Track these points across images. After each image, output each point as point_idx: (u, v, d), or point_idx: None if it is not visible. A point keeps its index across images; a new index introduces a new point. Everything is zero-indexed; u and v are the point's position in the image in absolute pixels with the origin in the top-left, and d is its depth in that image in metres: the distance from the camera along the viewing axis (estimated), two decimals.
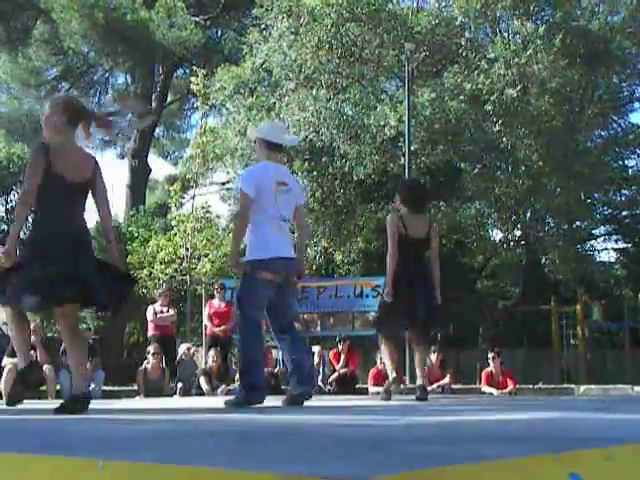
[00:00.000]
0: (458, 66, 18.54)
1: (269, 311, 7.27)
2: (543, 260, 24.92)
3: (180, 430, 4.29)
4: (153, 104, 32.76)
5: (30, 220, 6.27)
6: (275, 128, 7.65)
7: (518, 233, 23.02)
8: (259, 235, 7.00)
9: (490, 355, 14.82)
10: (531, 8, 20.61)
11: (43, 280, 5.67)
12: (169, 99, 34.77)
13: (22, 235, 6.26)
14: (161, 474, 2.21)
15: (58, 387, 13.03)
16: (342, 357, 15.43)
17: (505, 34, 20.35)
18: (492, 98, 17.78)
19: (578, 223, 22.87)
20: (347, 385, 14.73)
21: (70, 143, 6.14)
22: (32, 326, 13.45)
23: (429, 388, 10.34)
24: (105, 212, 6.29)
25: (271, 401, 7.39)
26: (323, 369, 15.89)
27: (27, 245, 6.05)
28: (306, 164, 19.97)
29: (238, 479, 2.06)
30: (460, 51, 19.08)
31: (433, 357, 14.44)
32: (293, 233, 7.92)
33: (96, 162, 6.22)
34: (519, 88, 17.89)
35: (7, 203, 23.75)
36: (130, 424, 4.94)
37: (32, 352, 12.47)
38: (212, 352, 14.48)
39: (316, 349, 15.35)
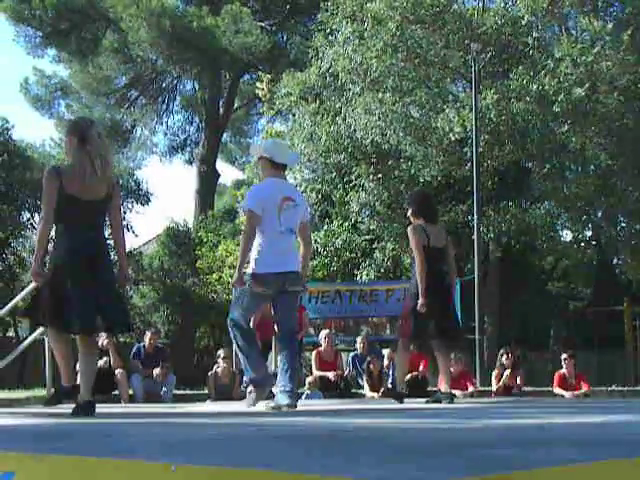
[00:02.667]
0: (524, 67, 18.34)
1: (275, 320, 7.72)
2: (615, 260, 24.58)
3: (251, 434, 4.32)
4: (220, 110, 33.07)
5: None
6: (280, 147, 7.91)
7: (589, 233, 22.73)
8: (258, 249, 7.27)
9: (563, 356, 14.59)
10: (599, 4, 20.34)
11: (75, 309, 6.05)
12: (236, 105, 35.03)
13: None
14: (234, 478, 2.22)
15: (131, 392, 13.18)
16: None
17: (572, 32, 20.10)
18: (559, 98, 17.57)
19: None
20: (417, 388, 14.60)
21: (82, 163, 6.25)
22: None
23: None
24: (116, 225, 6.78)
25: (340, 405, 7.39)
26: (393, 372, 15.80)
27: (51, 263, 6.43)
28: (372, 167, 19.94)
29: None
30: (527, 50, 18.90)
31: (504, 360, 14.29)
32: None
33: (114, 183, 6.58)
34: (587, 87, 17.63)
35: None
36: (202, 428, 4.98)
37: (105, 357, 12.76)
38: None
39: (386, 352, 15.24)
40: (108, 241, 7.38)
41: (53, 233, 6.52)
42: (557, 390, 14.37)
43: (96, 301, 6.20)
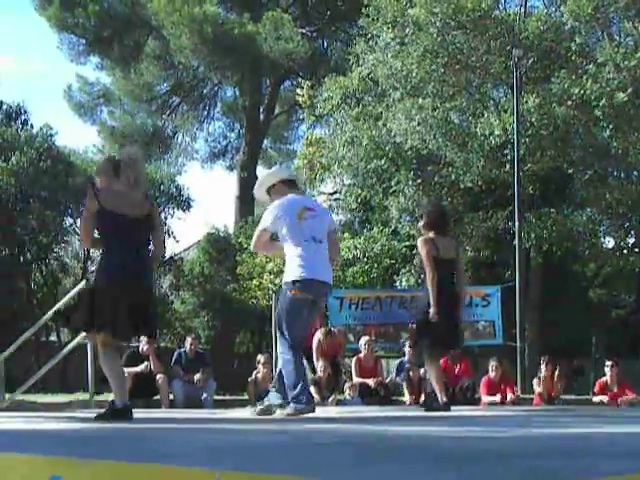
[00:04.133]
0: (565, 71, 18.22)
1: None
2: None
3: (295, 441, 4.32)
4: (261, 116, 33.17)
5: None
6: (285, 169, 8.83)
7: (631, 240, 22.49)
8: (290, 259, 7.49)
9: (608, 364, 14.45)
10: None
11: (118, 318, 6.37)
12: (276, 111, 35.12)
13: None
14: None
15: (171, 397, 13.25)
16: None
17: (616, 37, 19.94)
18: (601, 103, 17.43)
19: None
20: (463, 395, 14.48)
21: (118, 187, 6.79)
22: (146, 337, 13.77)
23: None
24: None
25: (386, 412, 7.37)
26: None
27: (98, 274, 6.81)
28: (412, 173, 19.89)
29: None
30: (569, 55, 18.77)
31: (544, 369, 14.19)
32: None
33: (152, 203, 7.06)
34: (630, 91, 17.48)
35: None
36: (243, 434, 4.99)
37: (145, 362, 12.84)
38: (321, 362, 14.51)
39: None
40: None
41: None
42: (596, 398, 14.23)
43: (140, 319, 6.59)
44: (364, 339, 14.63)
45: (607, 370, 14.29)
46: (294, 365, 7.34)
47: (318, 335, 14.85)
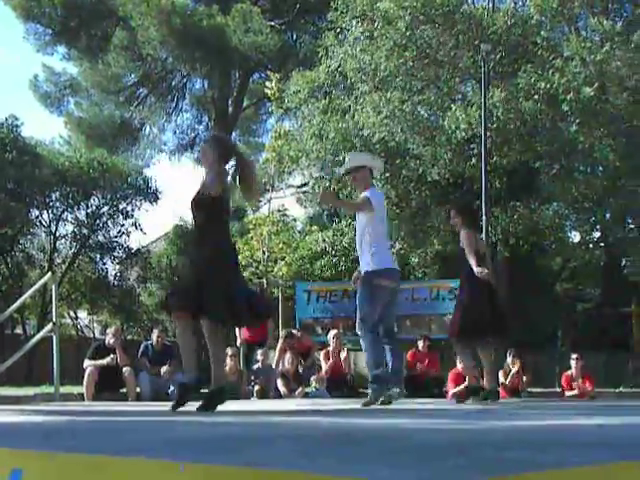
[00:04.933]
0: (532, 65, 18.31)
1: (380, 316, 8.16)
2: (623, 261, 24.51)
3: (259, 433, 4.32)
4: (230, 109, 33.06)
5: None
6: (359, 154, 9.37)
7: (597, 234, 22.66)
8: (375, 248, 8.02)
9: (573, 356, 14.61)
10: (609, 5, 20.30)
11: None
12: (245, 103, 35.02)
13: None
14: (241, 477, 2.22)
15: (138, 390, 13.19)
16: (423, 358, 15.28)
17: (582, 32, 20.07)
18: (568, 97, 17.53)
19: None
20: (431, 388, 14.53)
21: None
22: (112, 329, 13.72)
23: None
24: None
25: (352, 404, 7.39)
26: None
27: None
28: None
29: None
30: (536, 50, 18.87)
31: (510, 362, 14.29)
32: None
33: None
34: (596, 86, 17.60)
35: (88, 207, 24.15)
36: (209, 426, 4.98)
37: (112, 355, 12.77)
38: (288, 355, 14.52)
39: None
40: None
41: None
42: (563, 390, 14.38)
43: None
44: (332, 332, 14.66)
45: (572, 363, 14.44)
46: (375, 344, 7.99)
47: (282, 335, 14.93)
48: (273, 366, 14.44)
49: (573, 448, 3.01)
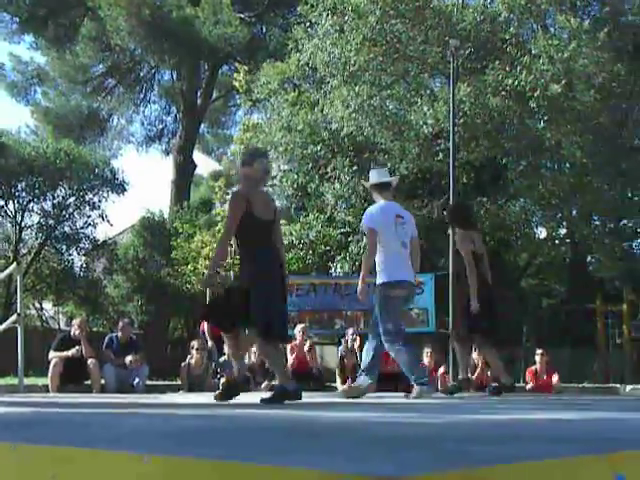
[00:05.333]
0: (500, 62, 18.39)
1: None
2: (589, 258, 24.70)
3: (223, 425, 4.31)
4: (198, 101, 32.92)
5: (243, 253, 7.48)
6: (379, 172, 9.14)
7: (563, 231, 22.82)
8: (385, 261, 8.45)
9: (538, 352, 14.71)
10: (577, 3, 20.42)
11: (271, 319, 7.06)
12: (214, 96, 34.89)
13: None
14: (205, 469, 2.22)
15: (103, 381, 13.13)
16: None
17: (551, 29, 20.18)
18: (536, 94, 17.63)
19: (625, 221, 22.64)
20: (393, 383, 14.55)
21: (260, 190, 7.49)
22: (77, 321, 13.64)
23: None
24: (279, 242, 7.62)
25: (318, 397, 7.40)
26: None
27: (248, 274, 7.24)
28: (348, 160, 19.93)
29: (278, 475, 2.06)
30: (504, 47, 18.95)
31: (476, 357, 14.36)
32: None
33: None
34: (563, 83, 17.69)
35: (54, 198, 24.00)
36: (175, 419, 4.97)
37: (77, 347, 12.70)
38: (254, 348, 14.50)
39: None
40: None
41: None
42: (528, 386, 14.48)
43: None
44: (299, 326, 14.66)
45: (537, 358, 14.54)
46: (406, 351, 8.40)
47: None
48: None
49: (534, 442, 3.03)
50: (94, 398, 9.98)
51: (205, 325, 14.94)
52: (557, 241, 22.69)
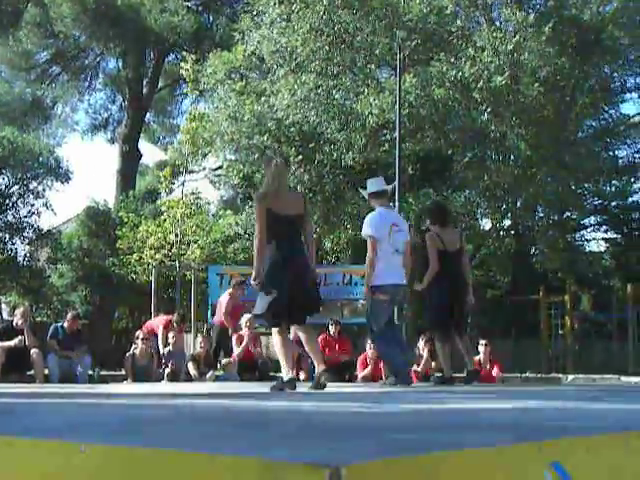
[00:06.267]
0: (445, 54, 18.50)
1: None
2: (532, 250, 24.98)
3: (164, 415, 4.29)
4: (144, 89, 32.65)
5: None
6: (376, 181, 9.69)
7: (508, 222, 23.05)
8: (377, 267, 8.96)
9: (482, 342, 14.85)
10: None
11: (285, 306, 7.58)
12: (160, 84, 34.63)
13: None
14: (141, 457, 2.21)
15: (46, 372, 13.02)
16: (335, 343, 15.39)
17: (497, 23, 20.34)
18: (479, 85, 17.76)
19: (568, 213, 22.94)
20: (341, 372, 14.60)
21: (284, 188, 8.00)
22: (20, 310, 13.49)
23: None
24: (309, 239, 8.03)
25: (262, 387, 7.40)
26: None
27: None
28: (294, 150, 19.90)
29: (219, 463, 2.06)
30: (450, 39, 19.06)
31: (422, 347, 14.47)
32: None
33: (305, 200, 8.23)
34: (506, 75, 17.84)
35: None
36: (116, 408, 4.94)
37: (19, 336, 12.57)
38: (200, 338, 14.47)
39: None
40: None
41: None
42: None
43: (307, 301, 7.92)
44: (245, 316, 14.60)
45: (481, 349, 14.68)
46: (385, 350, 9.36)
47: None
48: (185, 350, 14.40)
49: (472, 430, 3.06)
50: (37, 388, 9.88)
51: (158, 327, 14.90)
52: (502, 232, 22.90)
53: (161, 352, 14.36)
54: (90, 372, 14.01)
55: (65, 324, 13.71)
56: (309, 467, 1.90)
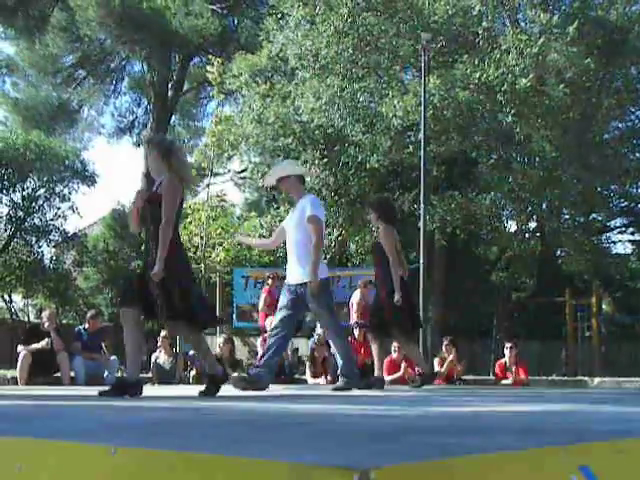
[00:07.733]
0: (469, 56, 18.44)
1: None
2: (558, 252, 24.84)
3: (190, 417, 4.31)
4: (169, 92, 32.78)
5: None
6: (296, 164, 9.46)
7: (533, 225, 22.94)
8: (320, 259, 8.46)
9: (507, 345, 14.79)
10: None
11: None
12: (185, 87, 34.76)
13: None
14: (172, 461, 2.22)
15: (72, 374, 13.09)
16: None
17: (522, 24, 20.26)
18: (504, 88, 17.69)
19: (594, 215, 22.80)
20: (367, 375, 14.55)
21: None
22: (47, 313, 13.57)
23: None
24: None
25: (289, 390, 7.42)
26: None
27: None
28: (319, 153, 19.92)
29: (246, 467, 2.07)
30: (476, 41, 19.00)
31: (446, 349, 14.44)
32: None
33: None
34: (531, 77, 17.76)
35: (23, 190, 23.85)
36: (144, 411, 4.96)
37: (47, 339, 12.64)
38: (222, 340, 14.52)
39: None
40: None
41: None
42: (497, 378, 14.57)
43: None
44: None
45: (506, 352, 14.63)
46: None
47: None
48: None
49: (500, 433, 3.05)
50: (63, 390, 9.93)
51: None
52: (527, 235, 22.80)
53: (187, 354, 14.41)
54: (117, 374, 14.07)
55: (87, 325, 13.79)
56: (338, 470, 1.90)
